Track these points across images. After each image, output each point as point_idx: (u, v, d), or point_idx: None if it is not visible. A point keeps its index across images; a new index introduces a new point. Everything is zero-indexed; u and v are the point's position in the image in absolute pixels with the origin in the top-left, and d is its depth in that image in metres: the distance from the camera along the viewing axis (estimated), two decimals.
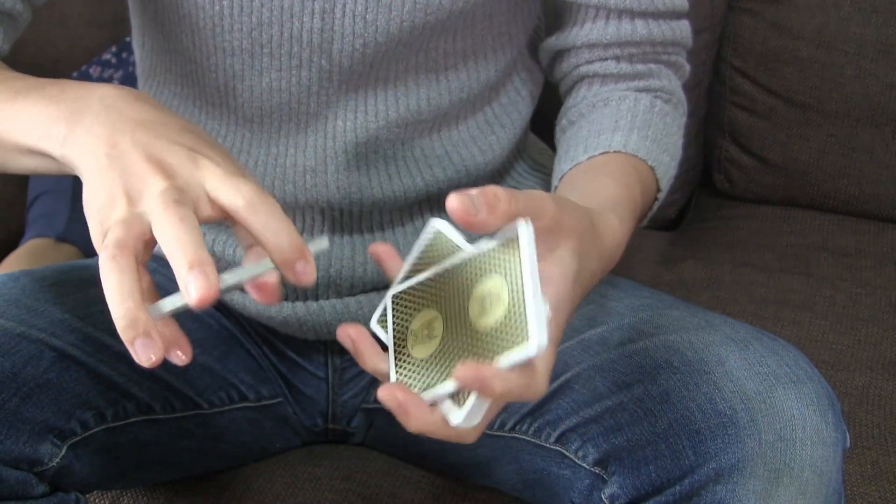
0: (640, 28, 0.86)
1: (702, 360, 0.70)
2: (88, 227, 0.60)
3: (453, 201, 0.54)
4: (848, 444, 0.70)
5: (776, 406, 0.66)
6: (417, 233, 0.88)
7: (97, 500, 0.96)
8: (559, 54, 0.90)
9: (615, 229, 0.68)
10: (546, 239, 0.59)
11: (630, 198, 0.75)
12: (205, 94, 0.85)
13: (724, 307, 1.31)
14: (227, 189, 0.58)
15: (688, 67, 0.93)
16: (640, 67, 0.88)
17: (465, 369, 0.52)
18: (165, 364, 0.84)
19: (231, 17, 0.79)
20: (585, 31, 0.86)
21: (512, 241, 0.57)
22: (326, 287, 0.87)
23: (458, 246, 0.61)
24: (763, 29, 1.55)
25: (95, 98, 0.64)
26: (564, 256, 0.59)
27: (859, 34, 1.50)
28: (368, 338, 0.60)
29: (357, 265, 0.86)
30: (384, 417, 0.92)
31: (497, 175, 0.92)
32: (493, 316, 0.56)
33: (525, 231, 0.56)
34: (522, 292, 0.55)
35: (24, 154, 0.67)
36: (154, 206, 0.57)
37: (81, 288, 0.84)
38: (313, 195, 0.84)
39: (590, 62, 0.88)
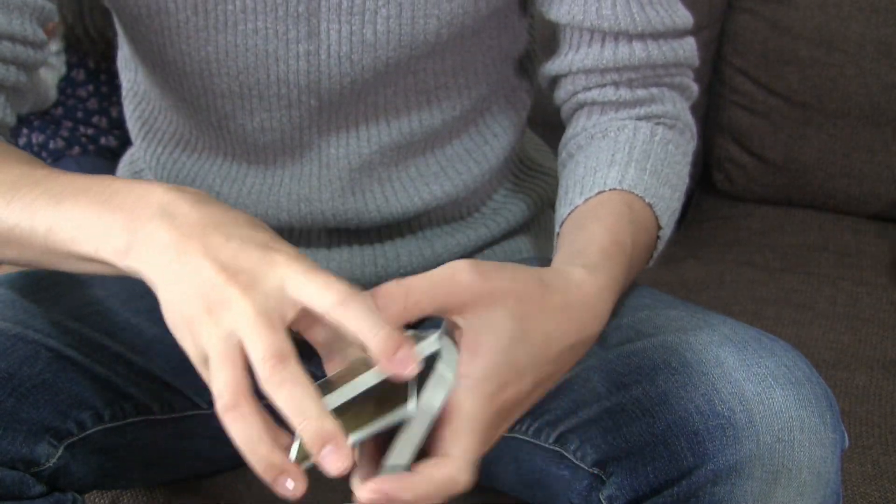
0: (639, 51, 0.81)
1: (700, 362, 0.69)
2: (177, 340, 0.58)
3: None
4: (846, 445, 0.70)
5: (774, 407, 0.66)
6: (417, 242, 0.88)
7: (97, 500, 0.96)
8: (556, 80, 0.86)
9: (581, 283, 0.65)
10: (473, 309, 0.58)
11: (616, 243, 0.71)
12: (199, 127, 0.85)
13: (725, 307, 1.31)
14: (314, 287, 0.56)
15: (695, 87, 0.88)
16: (640, 93, 0.83)
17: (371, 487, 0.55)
18: (164, 364, 0.85)
19: (217, 63, 0.79)
20: (581, 56, 0.82)
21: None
22: None
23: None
24: (763, 28, 1.55)
25: (154, 203, 0.60)
26: (498, 320, 0.58)
27: (859, 34, 1.50)
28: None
29: (355, 267, 0.86)
30: None
31: (494, 182, 0.92)
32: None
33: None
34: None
35: (78, 261, 0.64)
36: (252, 352, 0.54)
37: (78, 289, 0.84)
38: (308, 222, 0.84)
39: (587, 89, 0.84)
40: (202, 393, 0.88)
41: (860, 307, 1.33)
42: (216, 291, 0.56)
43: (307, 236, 0.87)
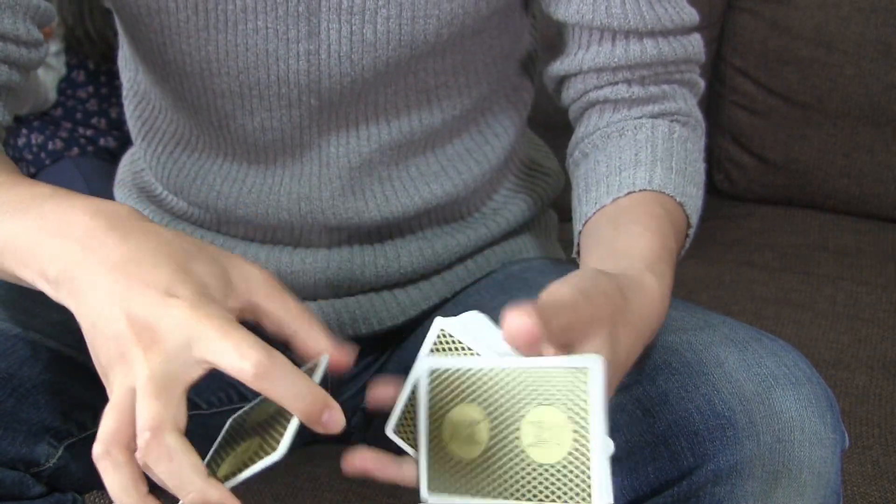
0: (650, 48, 0.81)
1: (700, 362, 0.69)
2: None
3: (517, 322, 0.53)
4: (847, 446, 0.70)
5: (775, 407, 0.66)
6: (418, 242, 0.88)
7: (97, 500, 0.95)
8: (565, 79, 0.85)
9: (653, 293, 0.66)
10: (573, 333, 0.58)
11: (666, 248, 0.71)
12: (199, 126, 0.85)
13: (725, 306, 1.31)
14: (228, 355, 0.55)
15: (702, 83, 0.88)
16: (653, 90, 0.83)
17: None
18: None
19: (217, 62, 0.79)
20: (591, 55, 0.82)
21: (580, 372, 0.54)
22: (325, 287, 0.87)
23: (468, 349, 0.60)
24: (763, 28, 1.55)
25: (76, 233, 0.61)
26: (597, 348, 0.58)
27: (859, 34, 1.50)
28: (381, 459, 0.59)
29: (355, 267, 0.86)
30: (383, 417, 0.92)
31: (495, 182, 0.91)
32: (552, 455, 0.54)
33: (597, 370, 0.53)
34: (588, 441, 0.53)
35: (19, 280, 0.65)
36: (140, 411, 0.55)
37: None
38: (308, 221, 0.84)
39: (599, 87, 0.83)
40: (201, 394, 0.88)
41: (860, 307, 1.33)
42: (124, 346, 0.56)
43: (307, 235, 0.87)
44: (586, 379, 0.54)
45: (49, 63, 1.86)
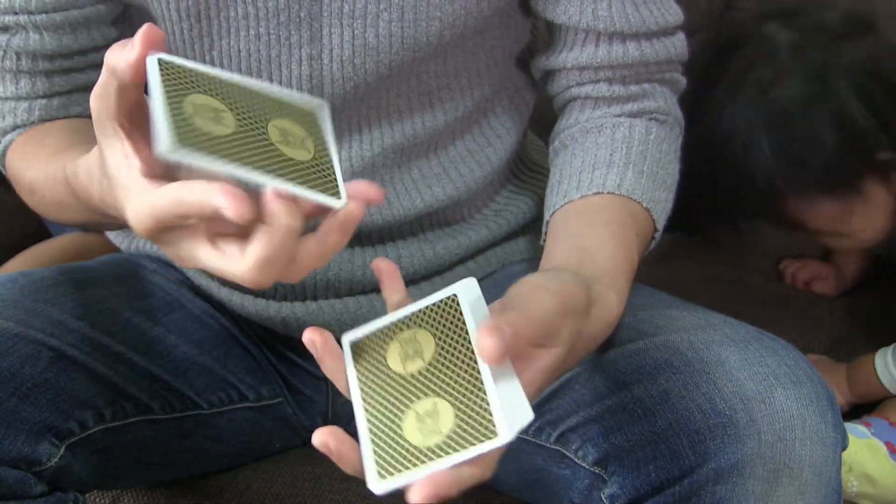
0: (633, 50, 0.83)
1: (701, 360, 0.69)
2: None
3: (490, 346, 0.55)
4: (847, 445, 0.70)
5: (775, 406, 0.66)
6: (419, 244, 0.88)
7: (97, 500, 0.96)
8: (550, 74, 0.87)
9: (612, 312, 0.68)
10: (547, 333, 0.59)
11: (629, 261, 0.73)
12: None
13: (724, 307, 1.31)
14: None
15: (684, 81, 0.89)
16: (633, 88, 0.84)
17: (423, 489, 0.54)
18: (165, 364, 0.85)
19: (220, 67, 0.79)
20: (575, 54, 0.83)
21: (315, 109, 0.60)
22: (325, 288, 0.87)
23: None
24: None
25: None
26: (557, 351, 0.60)
27: None
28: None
29: (356, 268, 0.86)
30: None
31: (496, 184, 0.92)
32: (299, 154, 0.58)
33: (326, 112, 0.60)
34: (329, 153, 0.59)
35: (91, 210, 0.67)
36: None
37: (80, 288, 0.84)
38: (310, 224, 0.84)
39: (581, 84, 0.85)
40: (203, 393, 0.88)
41: (859, 308, 1.33)
42: None
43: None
44: (323, 115, 0.60)
45: None
